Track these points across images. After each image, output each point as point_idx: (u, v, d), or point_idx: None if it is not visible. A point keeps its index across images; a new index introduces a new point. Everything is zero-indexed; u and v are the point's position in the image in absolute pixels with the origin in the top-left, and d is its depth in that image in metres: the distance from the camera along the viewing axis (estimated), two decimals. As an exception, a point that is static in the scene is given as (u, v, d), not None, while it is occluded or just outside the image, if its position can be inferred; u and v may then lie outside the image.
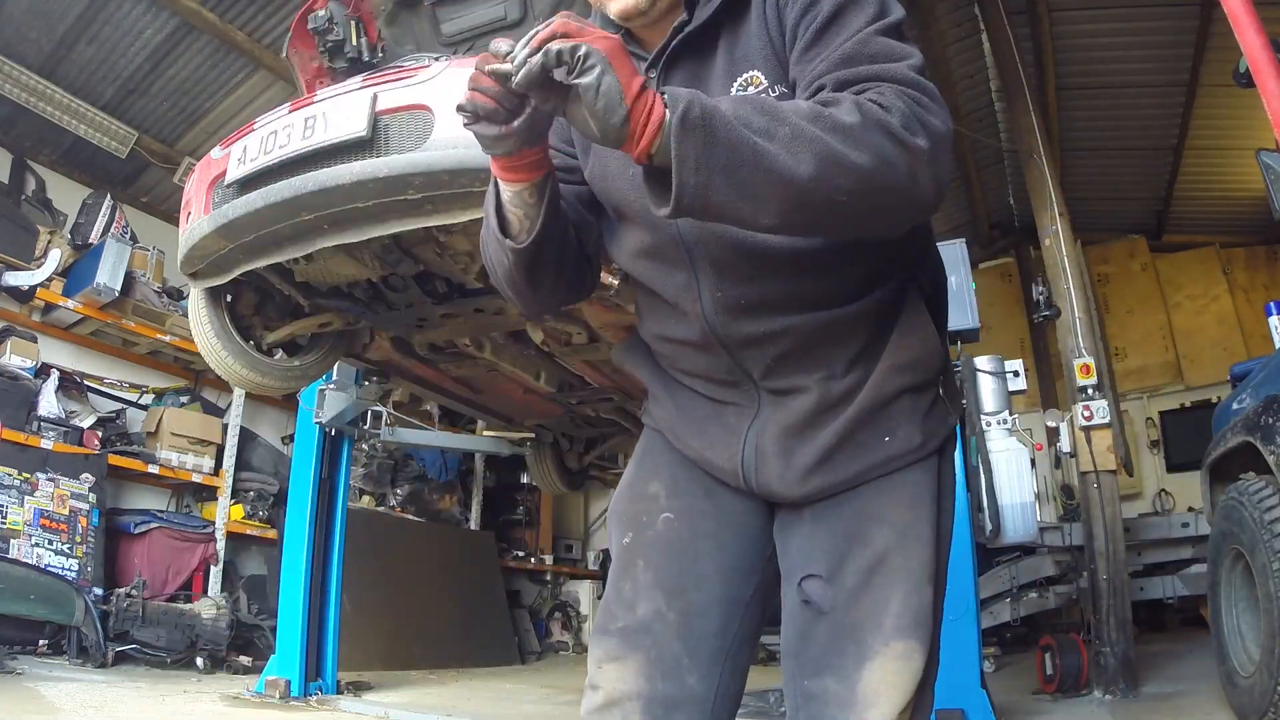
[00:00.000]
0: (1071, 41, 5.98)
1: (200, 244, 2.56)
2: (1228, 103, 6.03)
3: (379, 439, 5.18)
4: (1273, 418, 2.69)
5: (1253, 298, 7.84)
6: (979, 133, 6.93)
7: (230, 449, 6.06)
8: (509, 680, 5.91)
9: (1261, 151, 2.78)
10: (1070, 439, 4.41)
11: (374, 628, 5.86)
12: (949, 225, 8.31)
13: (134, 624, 4.74)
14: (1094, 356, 4.58)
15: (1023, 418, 3.82)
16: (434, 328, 3.19)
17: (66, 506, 4.81)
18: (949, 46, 6.15)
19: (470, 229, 2.51)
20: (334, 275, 2.86)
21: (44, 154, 5.99)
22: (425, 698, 4.70)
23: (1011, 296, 9.01)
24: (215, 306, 2.90)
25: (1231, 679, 3.02)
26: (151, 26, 5.15)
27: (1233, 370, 3.71)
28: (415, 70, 2.33)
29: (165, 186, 6.46)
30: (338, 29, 3.23)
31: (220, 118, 5.95)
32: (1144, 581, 5.19)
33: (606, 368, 3.58)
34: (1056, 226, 4.89)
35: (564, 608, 8.85)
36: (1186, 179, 7.32)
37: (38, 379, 5.16)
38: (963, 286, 3.65)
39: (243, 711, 3.75)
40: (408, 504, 7.29)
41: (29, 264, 5.29)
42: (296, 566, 4.51)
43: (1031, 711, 3.90)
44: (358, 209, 2.27)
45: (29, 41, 5.18)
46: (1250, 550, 2.79)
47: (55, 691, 3.65)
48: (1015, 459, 3.42)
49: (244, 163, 2.39)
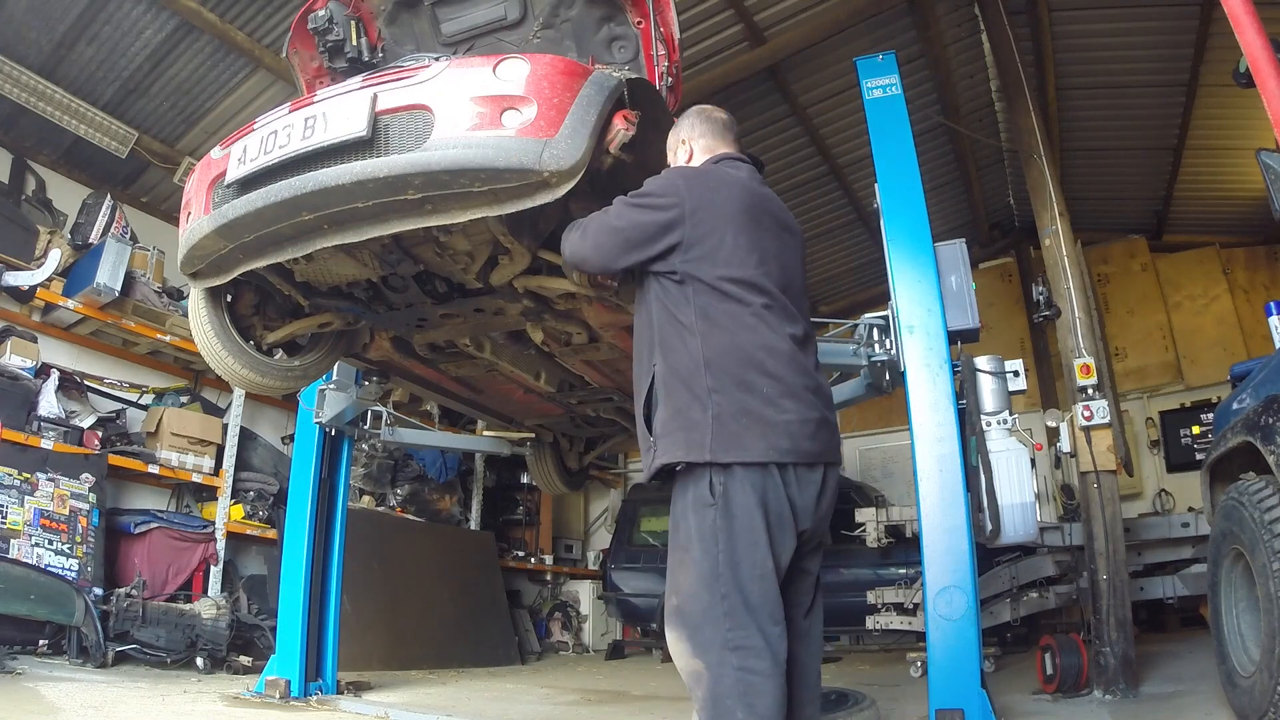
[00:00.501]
0: (1071, 41, 5.97)
1: (200, 244, 2.56)
2: (1228, 103, 6.03)
3: (379, 439, 5.18)
4: (1273, 418, 2.68)
5: (1253, 298, 7.84)
6: (979, 133, 6.93)
7: (230, 449, 6.06)
8: (509, 680, 5.91)
9: (1261, 151, 2.78)
10: (1070, 439, 4.41)
11: (374, 628, 5.87)
12: (949, 225, 8.31)
13: (134, 624, 4.74)
14: (1094, 356, 4.57)
15: (1023, 418, 3.81)
16: (434, 328, 3.19)
17: (66, 506, 4.81)
18: (949, 46, 6.15)
19: (470, 229, 2.52)
20: (334, 275, 2.86)
21: (44, 154, 6.00)
22: (425, 698, 4.70)
23: (1011, 296, 9.01)
24: (215, 306, 2.90)
25: (1231, 679, 3.02)
26: (151, 26, 5.15)
27: (1233, 370, 3.70)
28: (415, 70, 2.33)
29: (165, 186, 6.47)
30: (338, 29, 3.23)
31: (220, 118, 5.95)
32: (1144, 581, 5.18)
33: (606, 368, 3.59)
34: (1056, 226, 4.89)
35: (564, 608, 8.85)
36: (1186, 179, 7.32)
37: (38, 379, 5.16)
38: (963, 286, 3.65)
39: (243, 711, 3.75)
40: (408, 504, 7.29)
41: (29, 264, 5.30)
42: (296, 566, 4.51)
43: (1031, 711, 3.90)
44: (358, 209, 2.27)
45: (29, 41, 5.18)
46: (1250, 550, 2.79)
47: (55, 691, 3.65)
48: (1015, 459, 3.42)
49: (244, 163, 2.39)
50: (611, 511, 9.84)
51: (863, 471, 9.34)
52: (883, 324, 3.78)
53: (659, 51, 3.02)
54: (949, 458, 3.37)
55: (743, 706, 1.62)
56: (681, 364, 1.83)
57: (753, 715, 1.62)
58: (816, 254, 8.81)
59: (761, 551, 1.72)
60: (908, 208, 3.76)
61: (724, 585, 1.69)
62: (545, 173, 2.13)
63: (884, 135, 3.93)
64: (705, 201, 1.92)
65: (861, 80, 4.06)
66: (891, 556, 6.23)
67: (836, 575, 6.47)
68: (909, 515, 5.79)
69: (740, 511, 1.73)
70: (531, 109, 2.17)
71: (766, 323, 1.85)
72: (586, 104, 2.23)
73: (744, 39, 5.76)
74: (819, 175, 7.46)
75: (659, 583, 6.58)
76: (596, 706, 4.66)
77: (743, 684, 1.63)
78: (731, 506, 1.74)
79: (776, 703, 1.64)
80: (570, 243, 2.14)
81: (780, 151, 6.99)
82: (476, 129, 2.16)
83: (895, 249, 3.71)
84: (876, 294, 9.14)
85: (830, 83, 6.30)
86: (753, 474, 1.75)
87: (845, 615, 6.17)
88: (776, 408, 1.78)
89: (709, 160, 2.14)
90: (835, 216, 8.16)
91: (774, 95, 6.41)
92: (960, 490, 3.32)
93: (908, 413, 3.50)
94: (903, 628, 5.61)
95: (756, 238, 1.93)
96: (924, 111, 6.33)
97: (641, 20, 3.05)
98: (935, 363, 3.50)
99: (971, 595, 3.19)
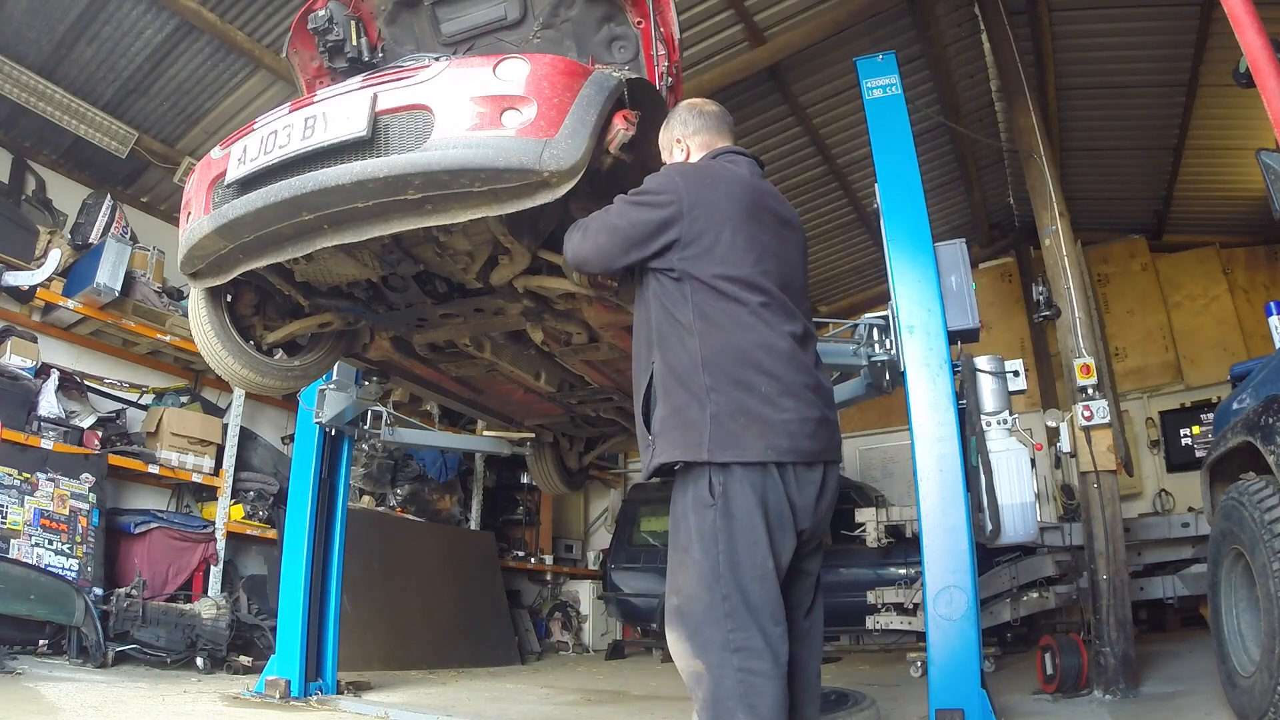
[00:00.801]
0: (1071, 41, 5.97)
1: (200, 244, 2.56)
2: (1228, 103, 6.03)
3: (379, 439, 5.18)
4: (1273, 418, 2.68)
5: (1253, 298, 7.84)
6: (979, 133, 6.93)
7: (230, 449, 6.06)
8: (509, 680, 5.91)
9: (1261, 151, 2.77)
10: (1070, 439, 4.41)
11: (374, 628, 5.87)
12: (949, 225, 8.32)
13: (134, 624, 4.74)
14: (1094, 356, 4.57)
15: (1023, 418, 3.81)
16: (434, 328, 3.19)
17: (66, 506, 4.81)
18: (949, 46, 6.15)
19: (470, 229, 2.52)
20: (334, 275, 2.85)
21: (44, 154, 6.00)
22: (425, 698, 4.70)
23: (1011, 296, 9.01)
24: (215, 306, 2.90)
25: (1231, 679, 3.01)
26: (151, 26, 5.15)
27: (1233, 370, 3.70)
28: (415, 70, 2.33)
29: (165, 186, 6.47)
30: (338, 29, 3.23)
31: (220, 118, 5.95)
32: (1144, 581, 5.18)
33: (606, 368, 3.59)
34: (1056, 226, 4.89)
35: (564, 608, 8.85)
36: (1186, 179, 7.32)
37: (38, 379, 5.16)
38: (963, 286, 3.65)
39: (243, 711, 3.75)
40: (408, 504, 7.29)
41: (29, 264, 5.30)
42: (296, 566, 4.51)
43: (1031, 711, 3.90)
44: (358, 209, 2.27)
45: (29, 41, 5.18)
46: (1250, 550, 2.78)
47: (55, 691, 3.65)
48: (1015, 459, 3.41)
49: (244, 163, 2.39)
50: (611, 511, 9.84)
51: (863, 471, 9.34)
52: (883, 324, 3.78)
53: (659, 51, 3.02)
54: (949, 458, 3.37)
55: (744, 707, 1.63)
56: (679, 362, 1.83)
57: (753, 716, 1.62)
58: (817, 254, 8.81)
59: (762, 552, 1.73)
60: (908, 208, 3.76)
61: (725, 586, 1.70)
62: (545, 173, 2.13)
63: (884, 135, 3.93)
64: (703, 198, 1.91)
65: (861, 80, 4.06)
66: (891, 556, 6.23)
67: (836, 575, 6.46)
68: (909, 515, 5.79)
69: (740, 512, 1.73)
70: (531, 109, 2.17)
71: (765, 321, 1.84)
72: (586, 104, 2.22)
73: (744, 39, 5.77)
74: (819, 175, 7.47)
75: (659, 583, 6.58)
76: (596, 706, 4.66)
77: (744, 685, 1.64)
78: (731, 507, 1.74)
79: (777, 703, 1.65)
80: (572, 243, 2.14)
81: (780, 151, 6.99)
82: (476, 129, 2.16)
83: (895, 249, 3.71)
84: (876, 294, 9.15)
85: (830, 83, 6.30)
86: (752, 474, 1.75)
87: (845, 615, 6.17)
88: (775, 406, 1.78)
89: (706, 155, 2.12)
90: (835, 216, 8.16)
91: (774, 95, 6.42)
92: (960, 490, 3.32)
93: (908, 413, 3.50)
94: (903, 628, 5.61)
95: (755, 234, 1.92)
96: (924, 111, 6.33)
97: (641, 20, 3.05)
98: (935, 363, 3.50)
99: (971, 595, 3.19)
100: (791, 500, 1.78)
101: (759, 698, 1.64)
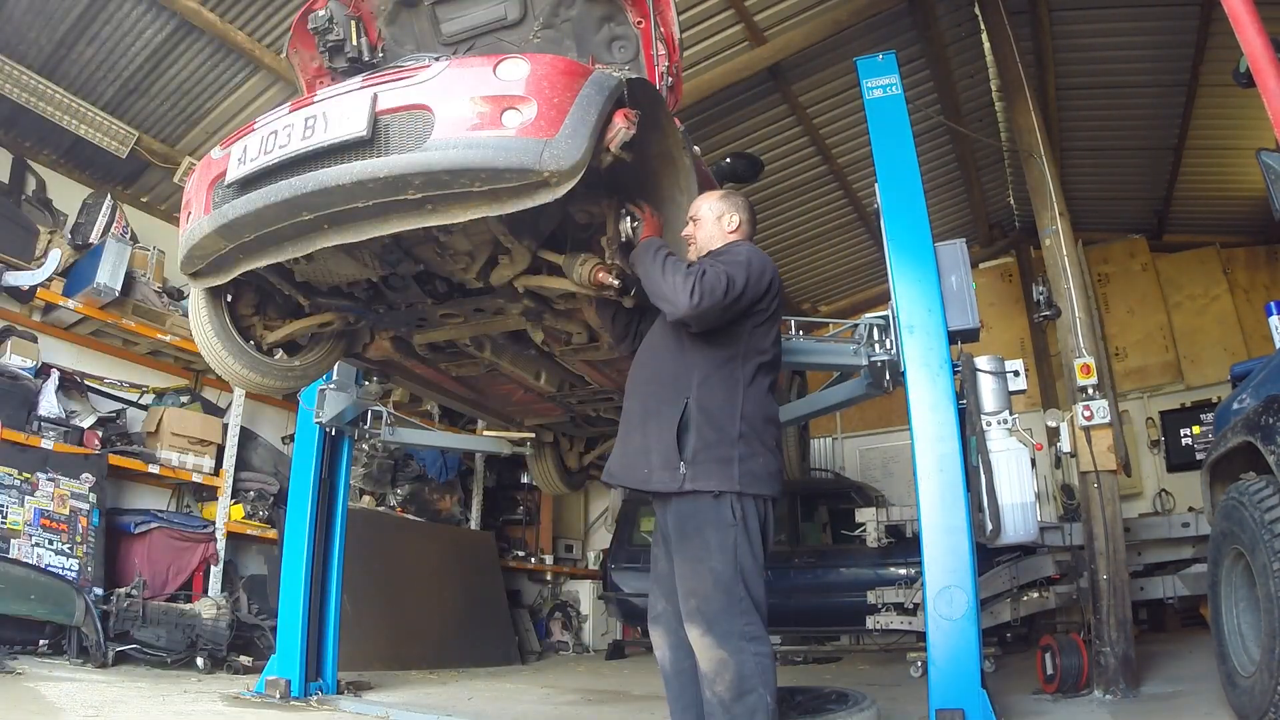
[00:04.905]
0: (1071, 41, 5.97)
1: (200, 244, 2.56)
2: (1228, 103, 6.02)
3: (379, 439, 5.18)
4: (1273, 418, 2.68)
5: (1253, 298, 7.83)
6: (979, 133, 6.93)
7: (230, 449, 6.06)
8: (509, 680, 5.91)
9: (1261, 151, 2.77)
10: (1070, 439, 4.40)
11: (374, 628, 5.86)
12: (949, 225, 8.31)
13: (134, 624, 4.74)
14: (1094, 356, 4.57)
15: (1023, 418, 3.80)
16: (434, 328, 3.19)
17: (67, 506, 4.81)
18: (949, 46, 6.15)
19: (470, 229, 2.52)
20: (334, 275, 2.86)
21: (44, 154, 5.99)
22: (425, 698, 4.70)
23: (1011, 296, 9.01)
24: (215, 306, 2.91)
25: (1231, 679, 3.01)
26: (152, 26, 5.15)
27: (1233, 370, 3.70)
28: (415, 70, 2.33)
29: (165, 186, 6.46)
30: (338, 29, 3.23)
31: (220, 118, 5.95)
32: (1144, 581, 5.17)
33: (606, 368, 3.59)
34: (1056, 226, 4.89)
35: (564, 608, 8.85)
36: (1186, 179, 7.32)
37: (38, 379, 5.16)
38: (963, 286, 3.65)
39: (243, 711, 3.75)
40: (408, 504, 7.29)
41: (29, 264, 5.30)
42: (296, 566, 4.51)
43: (1031, 711, 3.90)
44: (358, 209, 2.27)
45: (29, 41, 5.18)
46: (1250, 550, 2.78)
47: (55, 691, 3.65)
48: (1015, 459, 3.41)
49: (244, 163, 2.39)
50: (611, 511, 9.83)
51: (863, 471, 9.34)
52: (883, 324, 3.78)
53: (659, 51, 3.02)
54: (949, 457, 3.36)
55: (762, 684, 2.11)
56: (720, 408, 2.28)
57: (768, 690, 2.11)
58: (817, 254, 8.82)
59: (760, 562, 2.25)
60: (908, 208, 3.75)
61: (740, 589, 2.16)
62: (545, 172, 2.13)
63: (884, 135, 3.92)
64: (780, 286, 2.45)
65: (861, 80, 4.05)
66: (891, 556, 6.23)
67: (837, 575, 6.46)
68: (909, 515, 5.79)
69: (751, 531, 2.24)
70: (531, 109, 2.17)
71: (773, 394, 2.43)
72: (586, 104, 2.23)
73: (744, 39, 5.76)
74: (819, 175, 7.47)
75: (659, 583, 6.56)
76: (596, 706, 4.66)
77: (760, 666, 2.12)
78: (747, 527, 2.23)
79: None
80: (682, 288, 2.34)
81: (780, 151, 6.99)
82: (477, 129, 2.16)
83: (895, 249, 3.71)
84: (876, 294, 9.14)
85: (830, 83, 6.30)
86: (760, 504, 2.28)
87: (845, 615, 6.17)
88: (775, 458, 2.35)
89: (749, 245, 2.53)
90: (835, 216, 8.16)
91: (774, 95, 6.42)
92: (960, 490, 3.32)
93: (908, 412, 3.50)
94: (903, 628, 5.61)
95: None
96: (924, 111, 6.33)
97: (641, 20, 3.05)
98: (935, 362, 3.50)
99: (972, 595, 3.19)
100: (770, 525, 2.36)
101: (770, 674, 2.14)
